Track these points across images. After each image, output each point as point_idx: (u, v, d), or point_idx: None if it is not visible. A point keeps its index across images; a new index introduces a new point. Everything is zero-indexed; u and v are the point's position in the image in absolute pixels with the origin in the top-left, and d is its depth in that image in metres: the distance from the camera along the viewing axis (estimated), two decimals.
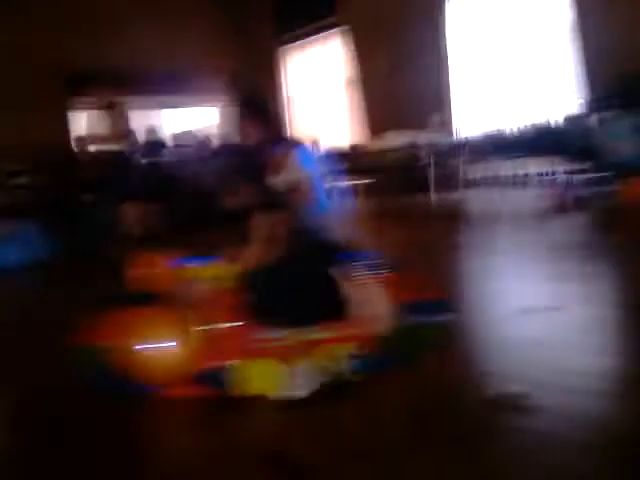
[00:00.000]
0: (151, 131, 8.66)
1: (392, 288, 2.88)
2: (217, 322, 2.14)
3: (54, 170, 6.39)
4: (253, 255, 2.02)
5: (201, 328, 2.00)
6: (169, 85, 11.26)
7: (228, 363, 1.87)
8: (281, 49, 11.94)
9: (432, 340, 2.11)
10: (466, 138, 7.50)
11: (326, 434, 1.54)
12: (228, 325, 2.12)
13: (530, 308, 2.44)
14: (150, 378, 1.90)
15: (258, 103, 2.68)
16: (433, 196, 7.15)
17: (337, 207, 2.73)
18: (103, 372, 2.01)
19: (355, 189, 8.43)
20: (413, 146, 7.62)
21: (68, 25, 9.91)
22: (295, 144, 2.61)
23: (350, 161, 8.28)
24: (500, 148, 7.15)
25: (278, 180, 2.55)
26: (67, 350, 2.29)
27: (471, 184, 8.01)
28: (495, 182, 7.43)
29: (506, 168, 7.13)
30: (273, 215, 2.29)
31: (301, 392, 1.75)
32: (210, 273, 2.98)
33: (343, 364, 1.85)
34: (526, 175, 7.00)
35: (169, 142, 8.81)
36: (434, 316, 2.33)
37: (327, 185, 2.76)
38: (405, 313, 2.43)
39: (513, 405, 1.58)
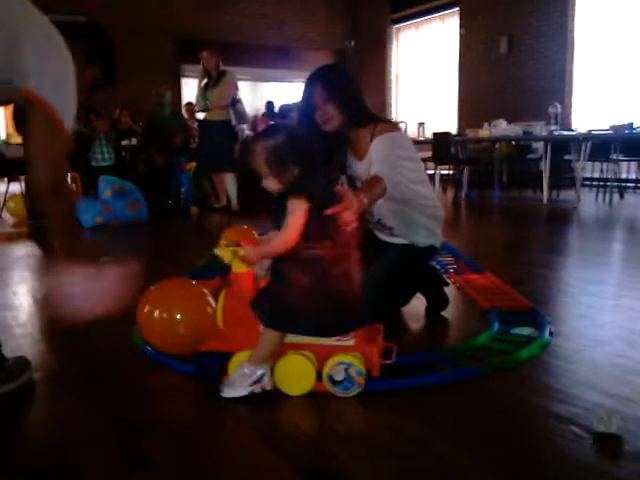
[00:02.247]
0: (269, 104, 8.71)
1: (471, 289, 2.67)
2: None
3: (158, 135, 6.53)
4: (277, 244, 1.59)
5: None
6: (277, 59, 11.37)
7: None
8: (394, 27, 11.63)
9: (517, 355, 1.86)
10: (588, 133, 6.87)
11: (375, 450, 1.36)
12: None
13: (635, 330, 2.10)
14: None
15: (341, 82, 2.12)
16: (545, 193, 6.64)
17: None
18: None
19: (457, 179, 8.08)
20: (526, 137, 7.12)
21: None
22: (386, 128, 2.13)
23: (455, 148, 7.91)
24: (624, 147, 6.50)
25: (358, 167, 2.20)
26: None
27: (588, 184, 7.44)
28: (616, 183, 6.81)
29: (630, 169, 6.50)
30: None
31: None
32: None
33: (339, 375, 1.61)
34: None
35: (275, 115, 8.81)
36: (523, 328, 2.06)
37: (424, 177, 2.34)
38: (491, 320, 2.19)
39: (599, 446, 1.32)
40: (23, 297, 2.85)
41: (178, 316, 1.85)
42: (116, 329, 2.00)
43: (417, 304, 2.42)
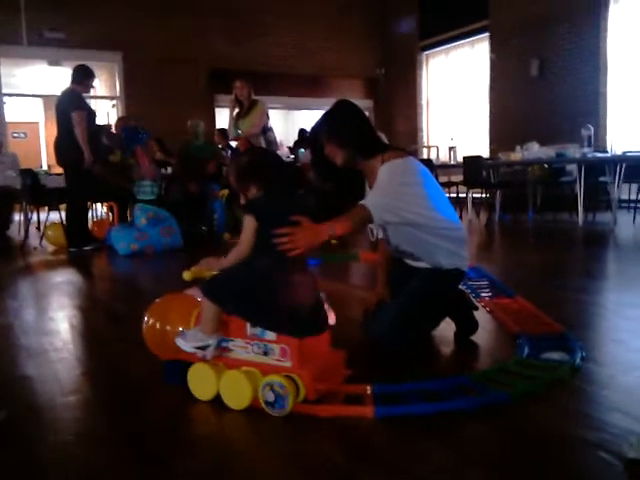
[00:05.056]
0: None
1: (501, 314, 2.63)
2: None
3: (192, 163, 6.67)
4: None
5: None
6: (308, 88, 11.55)
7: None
8: (424, 53, 11.73)
9: (546, 381, 1.83)
10: (622, 154, 6.77)
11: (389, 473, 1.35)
12: None
13: None
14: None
15: (340, 120, 2.22)
16: (579, 216, 6.54)
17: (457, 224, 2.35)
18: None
19: (486, 203, 8.02)
20: (558, 160, 7.05)
21: (213, 25, 10.60)
22: (393, 155, 2.19)
23: (487, 172, 7.87)
24: None
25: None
26: None
27: (625, 206, 7.29)
28: None
29: None
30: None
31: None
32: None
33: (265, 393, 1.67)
34: None
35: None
36: (553, 353, 2.03)
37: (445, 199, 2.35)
38: (521, 345, 2.16)
39: (630, 473, 1.28)
40: (60, 323, 2.92)
41: (170, 326, 1.96)
42: (148, 353, 2.04)
43: (446, 328, 2.40)
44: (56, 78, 10.16)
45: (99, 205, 7.86)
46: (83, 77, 5.56)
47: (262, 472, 1.39)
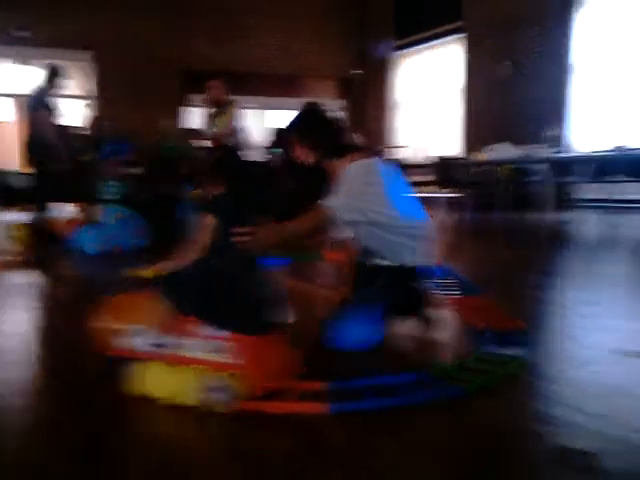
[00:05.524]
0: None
1: (467, 311, 2.68)
2: None
3: (163, 164, 6.63)
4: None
5: None
6: (283, 88, 11.52)
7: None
8: (399, 53, 11.79)
9: (499, 375, 1.87)
10: (588, 154, 6.91)
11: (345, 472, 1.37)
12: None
13: (622, 351, 2.10)
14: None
15: (309, 123, 2.30)
16: (545, 215, 6.65)
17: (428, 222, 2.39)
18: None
19: (457, 202, 8.12)
20: (525, 160, 7.17)
21: (187, 25, 10.51)
22: (360, 156, 2.26)
23: (454, 172, 7.97)
24: (620, 167, 6.52)
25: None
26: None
27: (584, 205, 7.44)
28: (612, 205, 6.81)
29: (624, 190, 6.52)
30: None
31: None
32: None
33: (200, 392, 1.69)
34: None
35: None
36: (506, 348, 2.07)
37: (417, 198, 2.40)
38: (475, 341, 2.21)
39: (577, 464, 1.33)
40: (20, 324, 2.88)
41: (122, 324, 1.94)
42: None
43: (407, 325, 2.43)
44: (27, 77, 10.00)
45: (66, 204, 7.74)
46: (53, 76, 5.49)
47: (210, 468, 1.40)
